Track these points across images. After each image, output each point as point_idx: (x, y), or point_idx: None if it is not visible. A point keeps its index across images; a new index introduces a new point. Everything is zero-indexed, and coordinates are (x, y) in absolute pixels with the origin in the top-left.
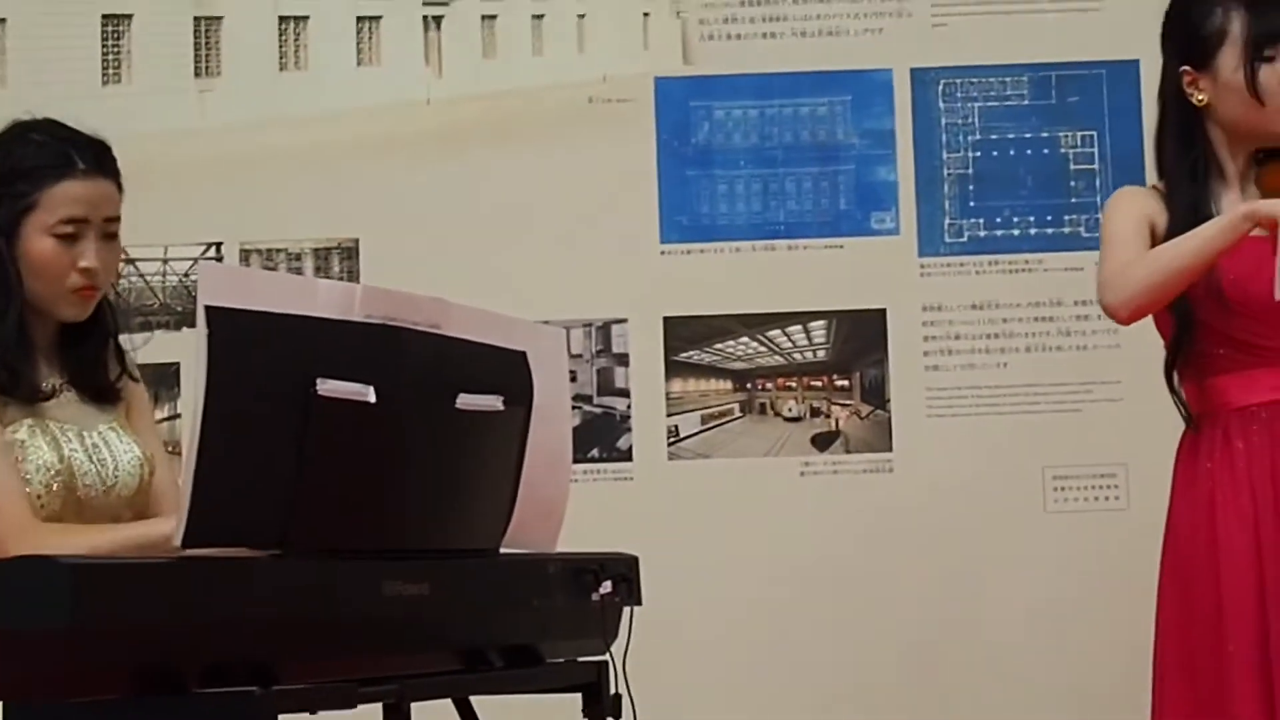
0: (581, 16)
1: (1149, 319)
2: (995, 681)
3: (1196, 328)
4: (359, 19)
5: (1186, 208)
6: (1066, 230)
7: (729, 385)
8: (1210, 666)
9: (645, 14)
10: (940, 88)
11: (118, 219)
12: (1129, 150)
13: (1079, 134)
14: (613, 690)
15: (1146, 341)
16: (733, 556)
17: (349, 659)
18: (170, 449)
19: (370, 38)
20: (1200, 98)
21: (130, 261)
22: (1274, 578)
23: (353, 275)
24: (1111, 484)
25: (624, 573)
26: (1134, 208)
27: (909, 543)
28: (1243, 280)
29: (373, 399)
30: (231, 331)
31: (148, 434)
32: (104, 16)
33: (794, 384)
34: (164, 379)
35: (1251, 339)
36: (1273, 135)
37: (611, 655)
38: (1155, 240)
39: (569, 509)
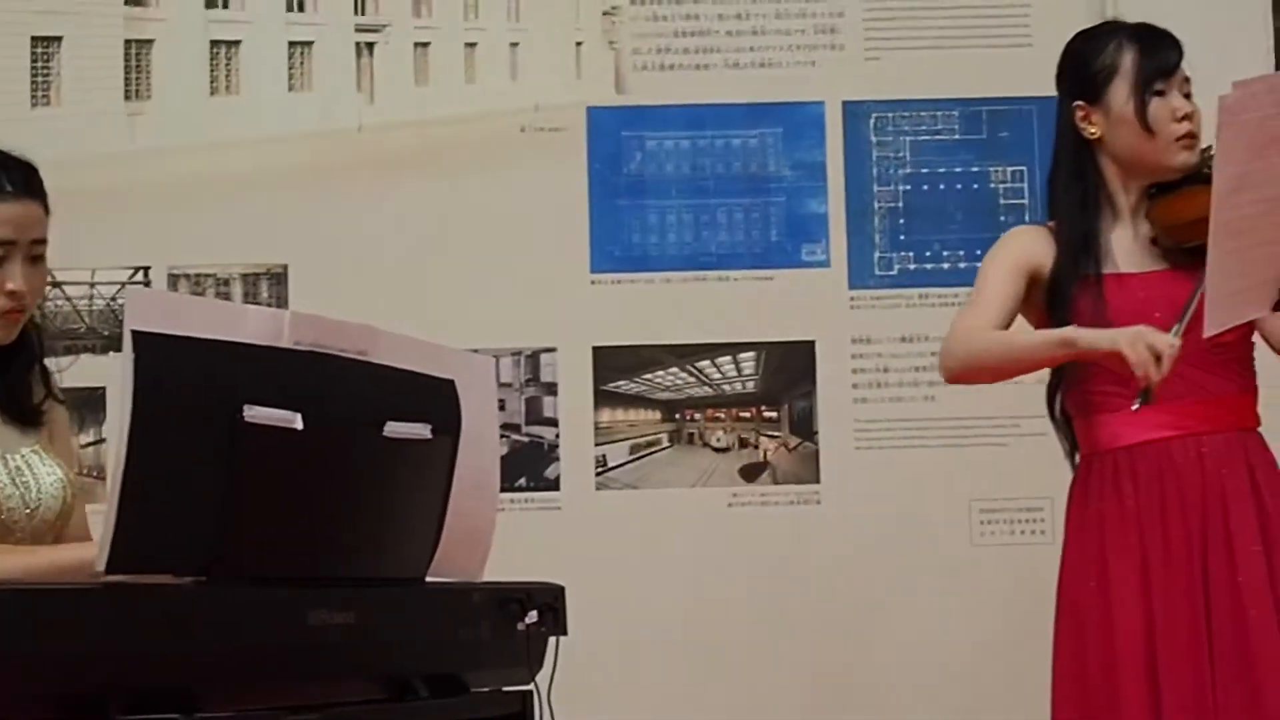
0: (514, 45)
1: None
2: (922, 713)
3: (1085, 365)
4: (291, 44)
5: (1077, 241)
6: None
7: (658, 415)
8: (1105, 708)
9: (578, 43)
10: (872, 121)
11: (44, 241)
12: None
13: (1009, 169)
14: None
15: None
16: (660, 587)
17: (273, 688)
18: (95, 474)
19: (302, 63)
20: (1093, 131)
21: (57, 284)
22: (1163, 619)
23: (281, 301)
24: (1038, 517)
25: (550, 602)
26: (1013, 256)
27: (836, 574)
28: (1131, 319)
29: (300, 426)
30: (158, 357)
31: (66, 457)
32: (34, 38)
33: (723, 415)
34: (90, 403)
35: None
36: (1163, 168)
37: (536, 685)
38: (1036, 286)
39: (496, 538)
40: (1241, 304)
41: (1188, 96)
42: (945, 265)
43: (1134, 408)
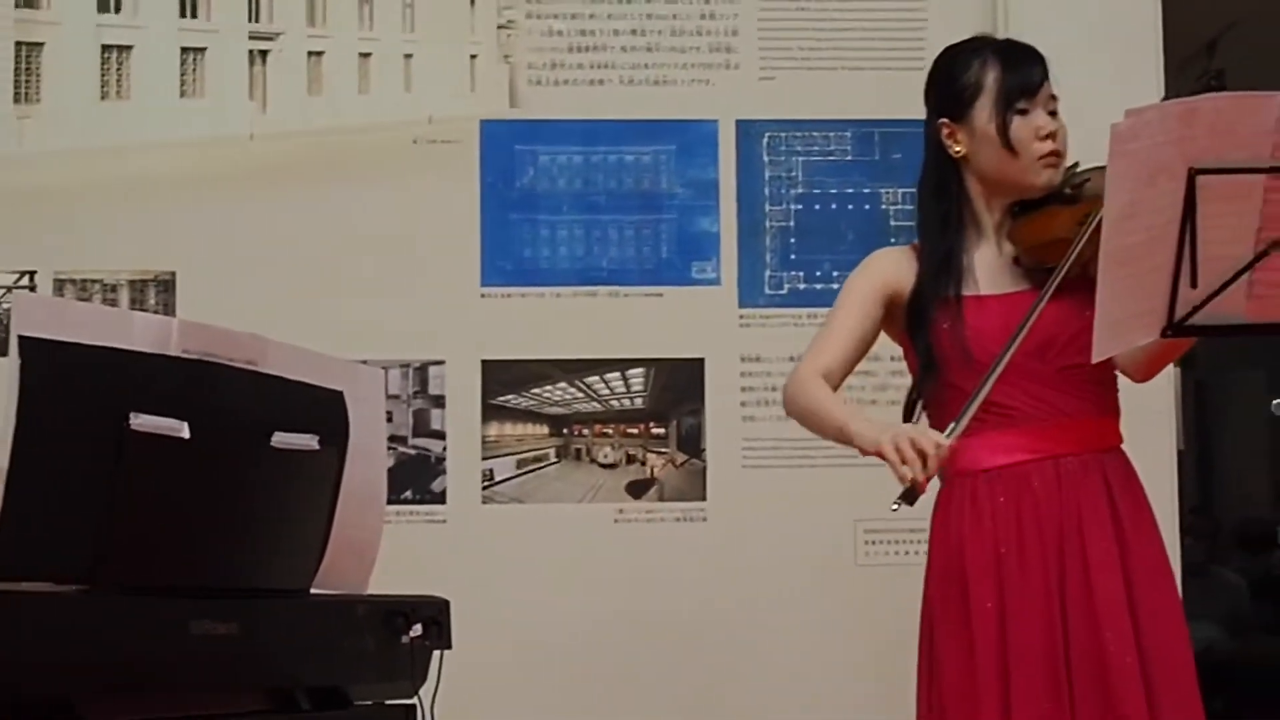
0: (409, 56)
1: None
2: None
3: (945, 389)
4: (183, 50)
5: (938, 261)
6: None
7: (545, 430)
8: None
9: (473, 56)
10: (765, 140)
11: None
12: None
13: (901, 190)
14: None
15: None
16: (545, 602)
17: (156, 698)
18: None
19: (194, 69)
20: (958, 149)
21: None
22: (1017, 644)
23: (169, 309)
24: (921, 538)
25: (434, 616)
26: (870, 282)
27: (721, 592)
28: (990, 341)
29: (187, 435)
30: (45, 363)
31: None
32: None
33: (611, 431)
34: None
35: (998, 399)
36: (1026, 187)
37: (420, 699)
38: (898, 306)
39: (381, 551)
40: (1130, 330)
41: (1053, 114)
42: (835, 285)
43: (892, 508)
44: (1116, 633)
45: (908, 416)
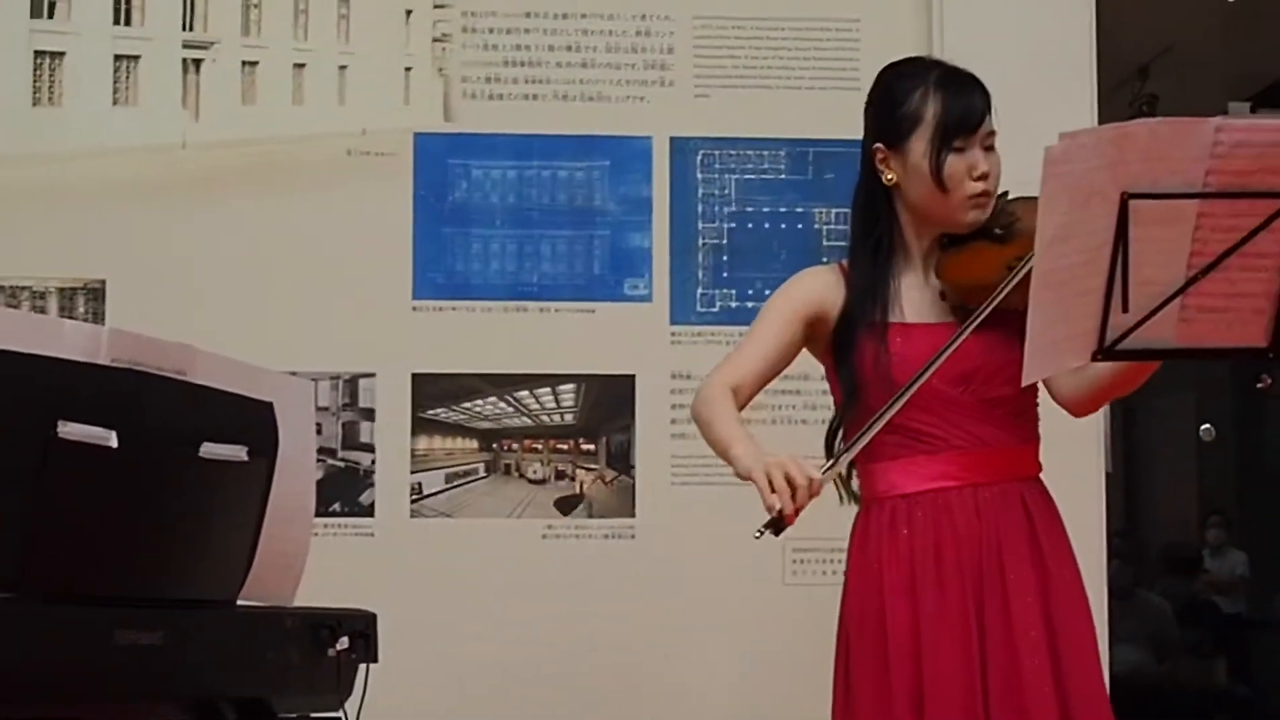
0: (343, 68)
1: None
2: None
3: (867, 415)
4: (117, 58)
5: (866, 286)
6: None
7: (475, 445)
8: None
9: (407, 69)
10: (699, 158)
11: None
12: None
13: (833, 210)
14: None
15: None
16: (472, 617)
17: (78, 707)
18: None
19: (127, 77)
20: (889, 176)
21: None
22: (932, 670)
23: (99, 317)
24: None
25: (361, 629)
26: (793, 301)
27: (648, 610)
28: (913, 369)
29: (114, 444)
30: None
31: None
32: None
33: (540, 446)
34: None
35: (919, 427)
36: (952, 224)
37: (345, 712)
38: (822, 326)
39: (309, 563)
40: (1061, 353)
41: (990, 148)
42: None
43: (755, 536)
44: (1034, 663)
45: (830, 441)
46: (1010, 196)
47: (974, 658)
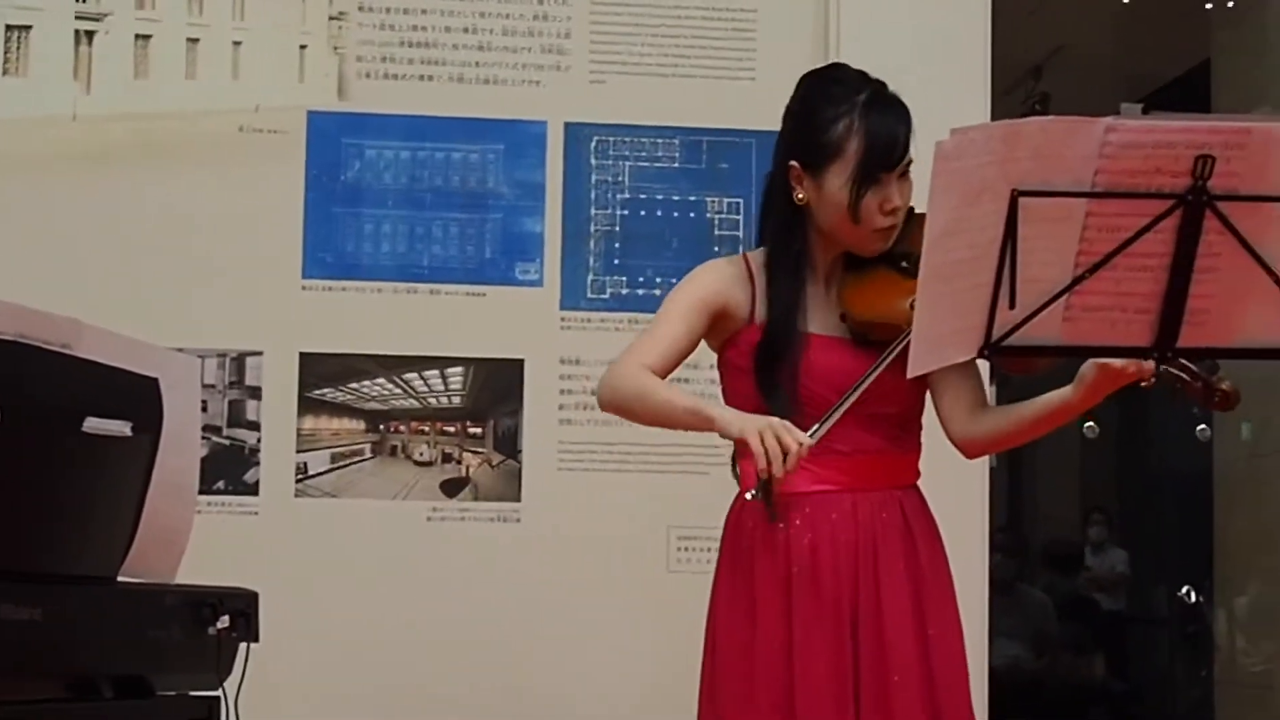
0: (238, 44)
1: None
2: None
3: (761, 411)
4: (7, 28)
5: (778, 291)
6: None
7: (362, 425)
8: None
9: (302, 46)
10: (593, 144)
11: None
12: None
13: (725, 200)
14: None
15: None
16: (355, 597)
17: None
18: None
19: (18, 47)
20: (801, 196)
21: None
22: (803, 676)
23: None
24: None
25: (243, 608)
26: (699, 292)
27: (532, 593)
28: (820, 379)
29: None
30: None
31: None
32: None
33: (427, 428)
34: None
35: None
36: (858, 249)
37: (224, 691)
38: (723, 320)
39: (191, 541)
40: (947, 347)
41: (904, 175)
42: (657, 291)
43: (748, 497)
44: (904, 676)
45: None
46: (918, 210)
47: (846, 661)
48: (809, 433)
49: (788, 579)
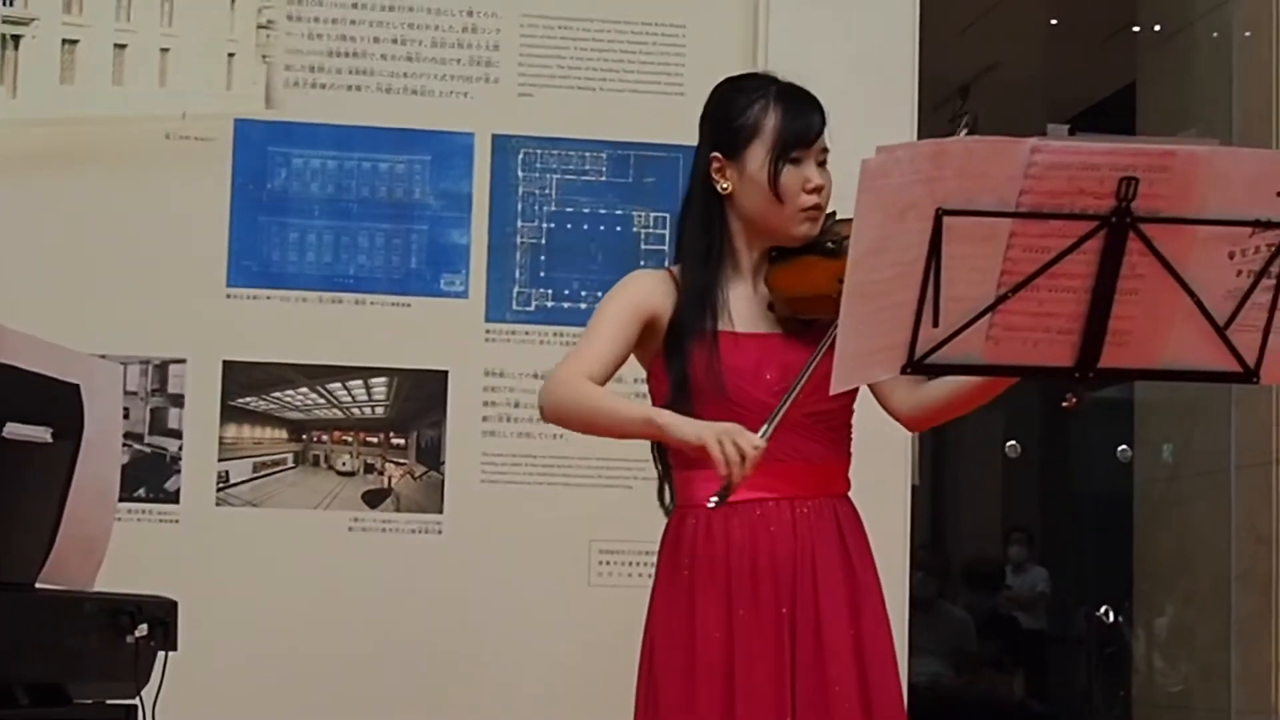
0: (165, 50)
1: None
2: None
3: (690, 415)
4: None
5: (696, 293)
6: None
7: (284, 435)
8: None
9: (231, 54)
10: (520, 156)
11: None
12: None
13: (652, 214)
14: None
15: None
16: (275, 607)
17: None
18: None
19: None
20: (725, 186)
21: None
22: (744, 684)
23: None
24: (655, 561)
25: (161, 617)
26: (630, 301)
27: (453, 605)
28: (745, 379)
29: None
30: None
31: None
32: None
33: (350, 438)
34: None
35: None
36: (785, 236)
37: (142, 700)
38: (651, 331)
39: (111, 548)
40: (870, 365)
41: (822, 165)
42: (583, 305)
43: (710, 504)
44: (843, 684)
45: (655, 449)
46: (838, 217)
47: (786, 671)
48: (759, 434)
49: (727, 590)
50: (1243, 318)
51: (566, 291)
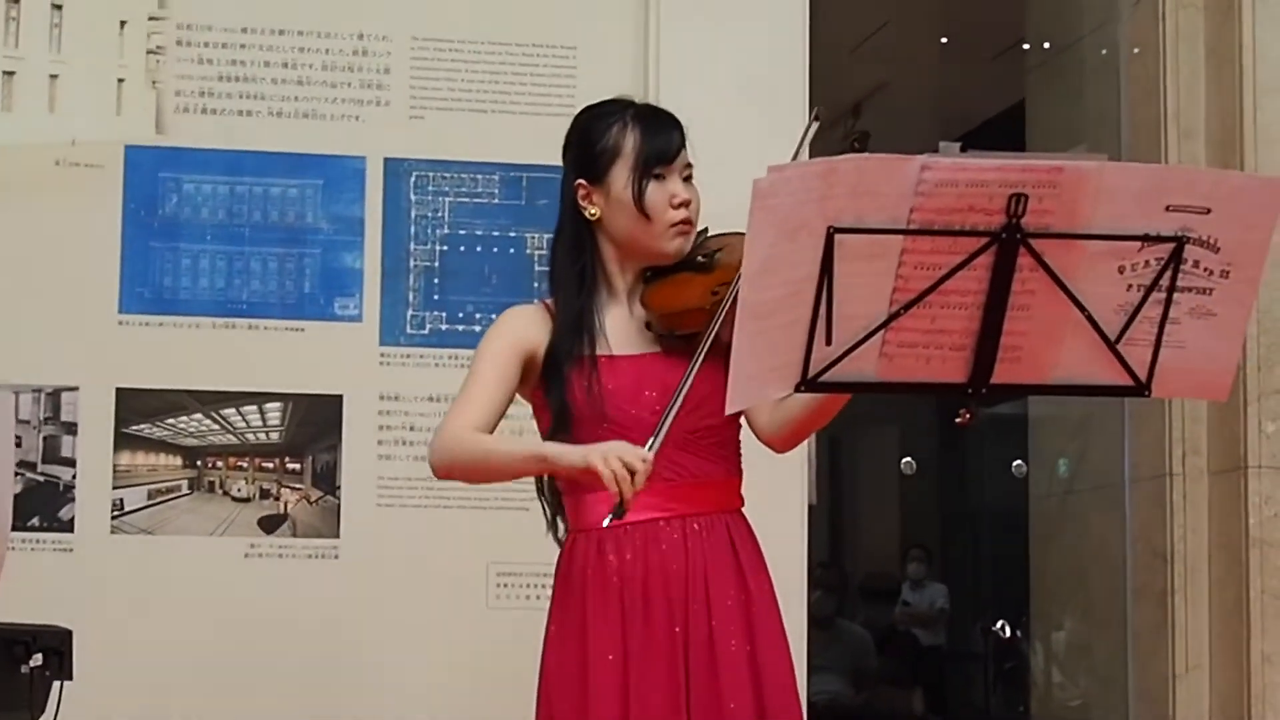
0: (54, 77)
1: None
2: None
3: (573, 442)
4: None
5: (571, 320)
6: None
7: (179, 461)
8: None
9: (120, 80)
10: (413, 179)
11: None
12: None
13: (545, 235)
14: None
15: None
16: (172, 635)
17: None
18: None
19: None
20: (593, 211)
21: None
22: (639, 703)
23: None
24: (551, 583)
25: (56, 645)
26: (505, 340)
27: (351, 629)
28: (625, 400)
29: None
30: None
31: None
32: None
33: (245, 464)
34: None
35: None
36: (657, 253)
37: None
38: (533, 365)
39: (4, 578)
40: (765, 384)
41: (688, 180)
42: (477, 327)
43: (605, 524)
44: (738, 700)
45: (539, 483)
46: (710, 233)
47: (680, 692)
48: (646, 448)
49: (620, 612)
50: (1133, 331)
51: (460, 314)
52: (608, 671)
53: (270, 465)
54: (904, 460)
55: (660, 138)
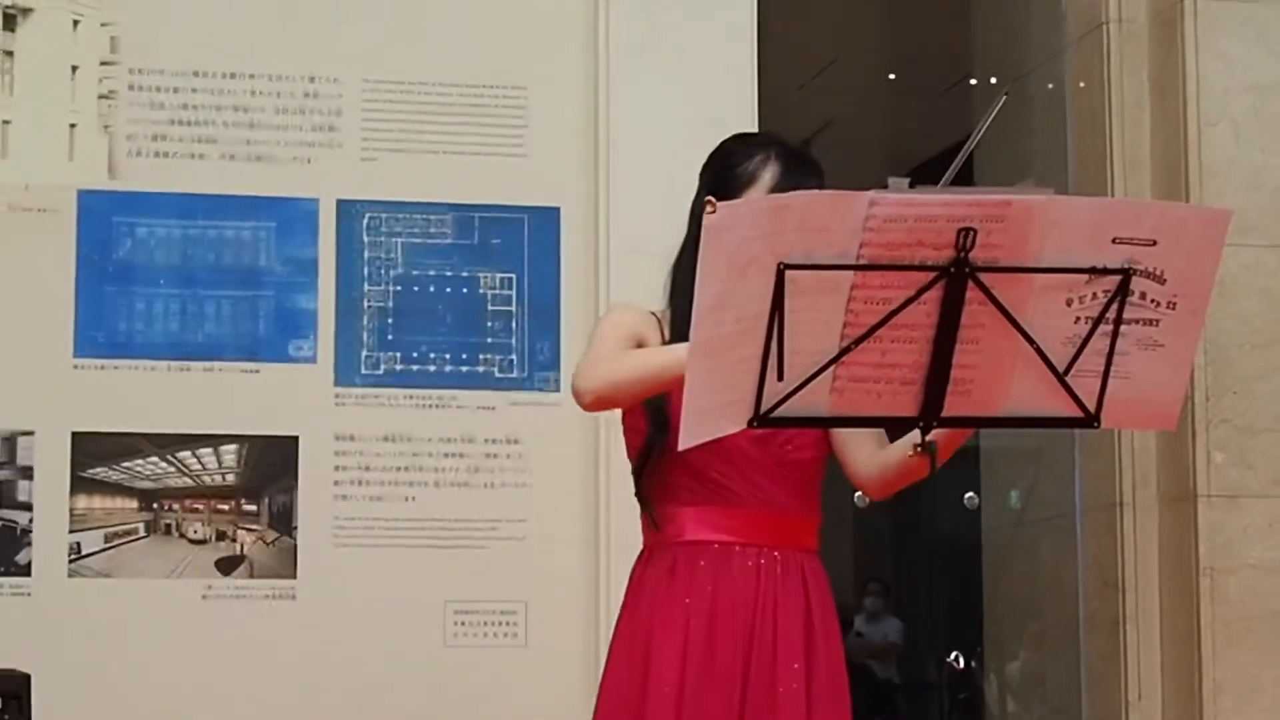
0: (6, 122)
1: (621, 432)
2: None
3: (667, 452)
4: None
5: (686, 328)
6: (481, 369)
7: (135, 504)
8: None
9: (72, 125)
10: (365, 220)
11: None
12: (546, 294)
13: (499, 275)
14: None
15: (554, 483)
16: (130, 678)
17: None
18: None
19: None
20: None
21: None
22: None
23: None
24: (512, 620)
25: (15, 690)
26: (625, 319)
27: (309, 670)
28: None
29: None
30: None
31: None
32: None
33: (201, 506)
34: None
35: (717, 477)
36: None
37: None
38: None
39: None
40: (717, 419)
41: None
42: (432, 367)
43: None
44: None
45: (638, 480)
46: None
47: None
48: None
49: (684, 639)
50: (1082, 363)
51: (415, 354)
52: (665, 704)
53: (226, 507)
54: (856, 493)
55: (799, 177)
